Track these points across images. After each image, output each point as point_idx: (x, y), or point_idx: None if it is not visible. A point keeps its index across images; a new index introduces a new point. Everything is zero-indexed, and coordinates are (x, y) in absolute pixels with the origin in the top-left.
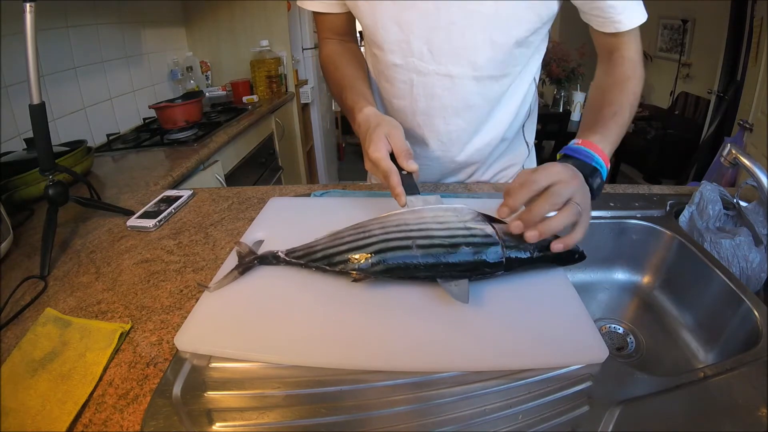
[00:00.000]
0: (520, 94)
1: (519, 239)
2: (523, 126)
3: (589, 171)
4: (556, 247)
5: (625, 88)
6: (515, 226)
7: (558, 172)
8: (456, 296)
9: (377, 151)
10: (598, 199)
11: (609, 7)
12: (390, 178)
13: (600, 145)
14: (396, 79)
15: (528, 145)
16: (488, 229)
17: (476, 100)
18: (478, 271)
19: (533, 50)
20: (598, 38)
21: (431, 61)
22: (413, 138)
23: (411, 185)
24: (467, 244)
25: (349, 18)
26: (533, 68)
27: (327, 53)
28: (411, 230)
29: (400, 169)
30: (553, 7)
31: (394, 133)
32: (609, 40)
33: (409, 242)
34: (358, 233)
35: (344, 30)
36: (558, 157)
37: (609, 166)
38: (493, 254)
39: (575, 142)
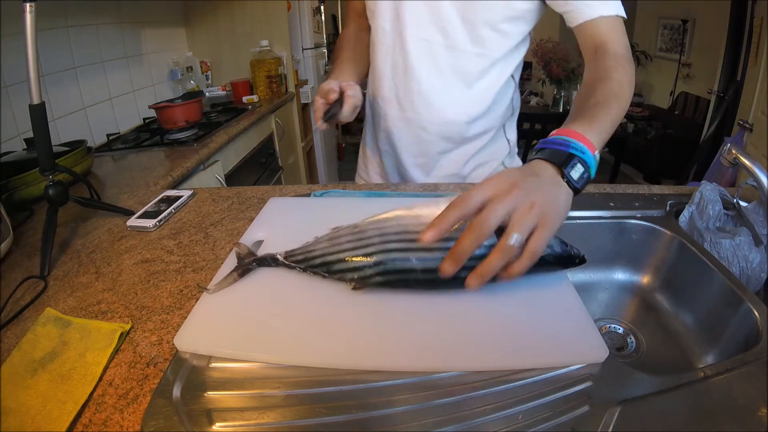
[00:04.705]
0: (497, 84)
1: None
2: (504, 124)
3: (563, 159)
4: (502, 278)
5: (608, 77)
6: (444, 267)
7: (494, 184)
8: None
9: (327, 84)
10: (597, 199)
11: None
12: (316, 100)
13: (578, 130)
14: (382, 43)
15: (509, 143)
16: None
17: (447, 69)
18: None
19: (512, 45)
20: (579, 37)
21: (412, 26)
22: (393, 100)
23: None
24: None
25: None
26: (512, 65)
27: (341, 36)
28: (411, 239)
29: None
30: (528, 4)
31: (344, 78)
32: (588, 34)
33: (408, 254)
34: (357, 240)
35: (362, 12)
36: (534, 153)
37: (597, 151)
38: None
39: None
